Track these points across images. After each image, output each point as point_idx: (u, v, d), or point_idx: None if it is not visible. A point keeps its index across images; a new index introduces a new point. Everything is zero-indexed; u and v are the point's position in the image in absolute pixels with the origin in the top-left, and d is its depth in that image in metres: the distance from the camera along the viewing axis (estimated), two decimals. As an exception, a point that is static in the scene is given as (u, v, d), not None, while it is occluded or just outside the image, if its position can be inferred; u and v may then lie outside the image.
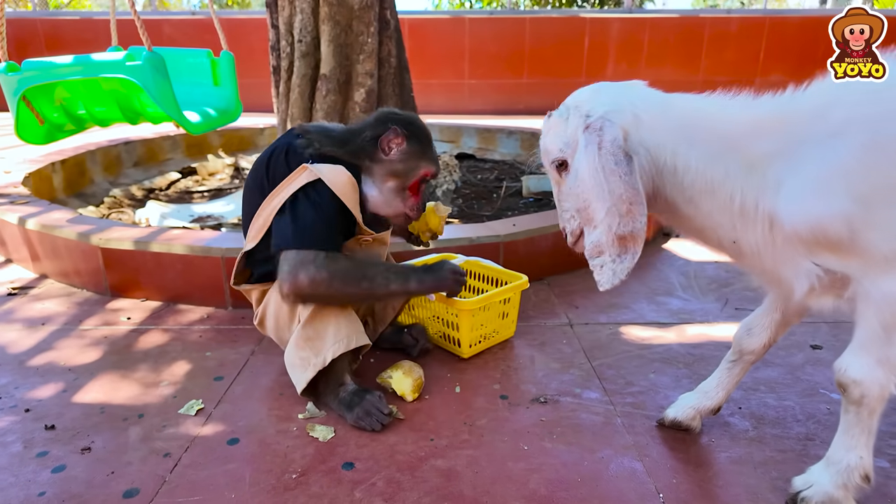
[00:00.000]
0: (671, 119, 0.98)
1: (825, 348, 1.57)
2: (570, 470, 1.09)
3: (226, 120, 2.54)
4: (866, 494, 1.00)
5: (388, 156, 1.30)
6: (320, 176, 1.20)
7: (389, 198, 1.32)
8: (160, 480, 1.07)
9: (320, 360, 1.23)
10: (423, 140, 1.34)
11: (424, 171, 1.33)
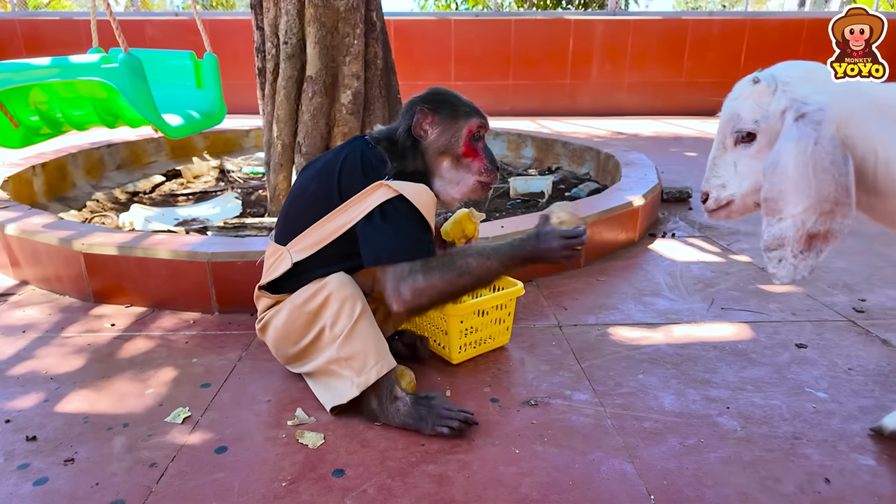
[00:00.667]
0: (886, 112, 0.95)
1: (810, 347, 1.59)
2: (562, 473, 1.09)
3: (209, 123, 2.51)
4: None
5: (428, 139, 1.25)
6: (402, 192, 1.17)
7: (453, 176, 1.26)
8: (146, 491, 1.05)
9: (363, 380, 1.20)
10: (450, 101, 1.27)
11: (467, 127, 1.26)
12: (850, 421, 1.26)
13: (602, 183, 3.33)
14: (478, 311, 1.49)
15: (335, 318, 1.22)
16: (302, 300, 1.25)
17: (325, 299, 1.22)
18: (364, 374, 1.20)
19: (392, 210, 1.17)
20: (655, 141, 5.28)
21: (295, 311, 1.26)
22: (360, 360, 1.21)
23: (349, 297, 1.21)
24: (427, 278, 1.15)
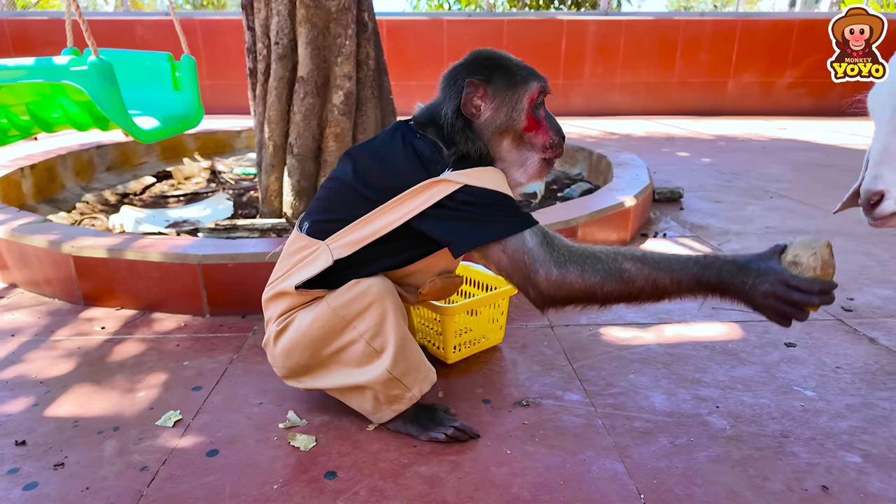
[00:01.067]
0: None
1: (799, 346, 1.60)
2: (553, 473, 1.10)
3: (186, 126, 2.49)
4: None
5: (481, 117, 1.08)
6: (467, 182, 1.02)
7: (517, 157, 1.10)
8: (137, 495, 1.04)
9: (416, 393, 1.16)
10: (503, 65, 1.09)
11: (528, 96, 1.08)
12: (837, 419, 1.27)
13: (594, 183, 3.34)
14: (471, 311, 1.49)
15: (375, 332, 1.13)
16: (340, 303, 1.12)
17: (364, 307, 1.12)
18: (417, 387, 1.16)
19: (478, 192, 1.01)
20: (647, 141, 5.31)
21: (330, 312, 1.13)
22: (412, 374, 1.15)
23: (391, 305, 1.12)
24: (566, 272, 0.96)
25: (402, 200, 1.06)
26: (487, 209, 1.03)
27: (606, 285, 0.97)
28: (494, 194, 1.04)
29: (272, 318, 1.22)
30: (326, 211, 1.17)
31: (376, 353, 1.14)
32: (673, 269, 0.95)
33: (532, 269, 0.99)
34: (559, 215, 2.20)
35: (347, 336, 1.15)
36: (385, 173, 1.10)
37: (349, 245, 1.11)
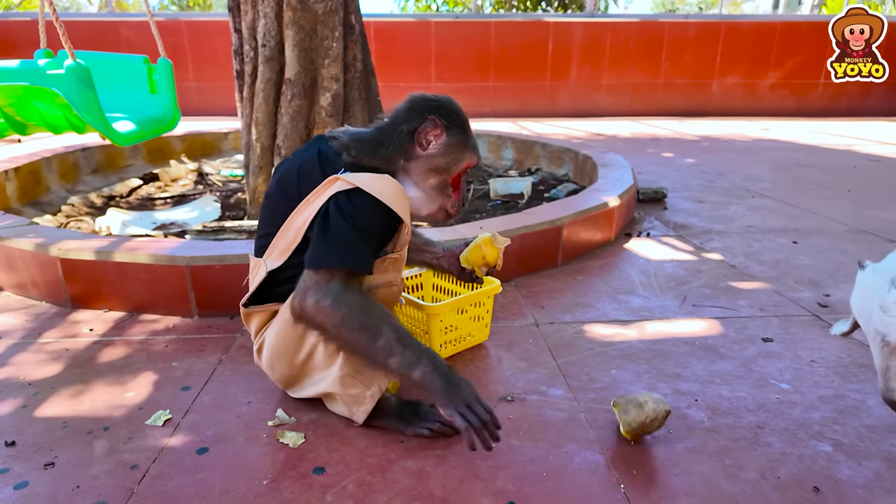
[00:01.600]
0: None
1: (776, 341, 1.65)
2: (537, 465, 1.13)
3: (163, 128, 2.49)
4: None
5: (426, 150, 1.19)
6: (358, 185, 1.10)
7: (432, 195, 1.21)
8: (128, 493, 1.06)
9: (376, 390, 1.18)
10: (464, 127, 1.22)
11: (468, 162, 1.22)
12: (811, 410, 1.32)
13: (580, 184, 3.39)
14: (456, 310, 1.52)
15: None
16: (290, 314, 1.16)
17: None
18: (376, 384, 1.18)
19: (335, 209, 1.09)
20: (633, 142, 5.38)
21: (285, 325, 1.19)
22: (366, 370, 1.16)
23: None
24: (335, 305, 1.05)
25: (308, 201, 1.14)
26: (349, 231, 1.09)
27: (352, 335, 1.08)
28: (370, 218, 1.11)
29: (252, 335, 1.33)
30: (262, 227, 1.26)
31: (334, 353, 1.18)
32: (411, 357, 1.06)
33: (312, 293, 1.07)
34: (544, 215, 2.23)
35: (308, 342, 1.20)
36: (294, 179, 1.19)
37: (279, 255, 1.19)
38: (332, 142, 1.21)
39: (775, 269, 2.21)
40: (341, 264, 1.09)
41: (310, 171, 1.17)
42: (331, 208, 1.10)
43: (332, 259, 1.09)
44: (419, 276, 1.78)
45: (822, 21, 7.60)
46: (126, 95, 2.49)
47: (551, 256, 2.23)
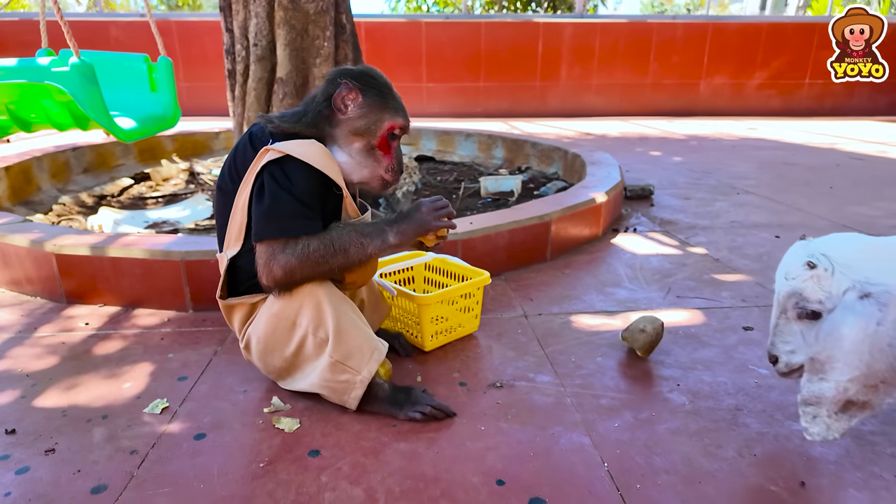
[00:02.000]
0: None
1: (756, 329, 1.71)
2: (524, 446, 1.18)
3: (163, 126, 2.52)
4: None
5: (345, 114, 1.22)
6: (287, 152, 1.13)
7: (360, 160, 1.23)
8: (128, 476, 1.09)
9: (366, 374, 1.22)
10: (381, 89, 1.24)
11: (390, 123, 1.24)
12: (787, 393, 1.37)
13: (570, 182, 3.44)
14: (446, 301, 1.56)
15: (316, 323, 1.21)
16: (278, 307, 1.23)
17: (300, 303, 1.21)
18: (365, 368, 1.21)
19: (279, 174, 1.14)
20: (622, 141, 5.45)
21: (273, 318, 1.23)
22: (356, 356, 1.20)
23: (323, 295, 1.20)
24: (301, 258, 1.13)
25: (246, 180, 1.18)
26: (287, 199, 1.14)
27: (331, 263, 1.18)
28: (303, 182, 1.15)
29: (236, 331, 1.35)
30: (218, 221, 1.30)
31: (324, 342, 1.22)
32: (377, 234, 1.21)
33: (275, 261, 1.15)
34: (533, 211, 2.28)
35: (297, 334, 1.23)
36: (231, 164, 1.24)
37: (235, 241, 1.22)
38: (260, 121, 1.25)
39: (758, 262, 2.27)
40: (288, 233, 1.14)
41: (243, 152, 1.22)
42: (265, 179, 1.14)
43: (277, 229, 1.14)
44: (410, 269, 1.82)
45: (807, 22, 7.73)
46: (127, 94, 2.51)
47: (540, 251, 2.28)
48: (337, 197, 1.24)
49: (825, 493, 1.05)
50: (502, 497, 1.04)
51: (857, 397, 1.02)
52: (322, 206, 1.21)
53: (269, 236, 1.14)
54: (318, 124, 1.23)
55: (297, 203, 1.14)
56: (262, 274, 1.17)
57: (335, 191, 1.22)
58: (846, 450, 1.17)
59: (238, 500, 1.03)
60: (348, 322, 1.22)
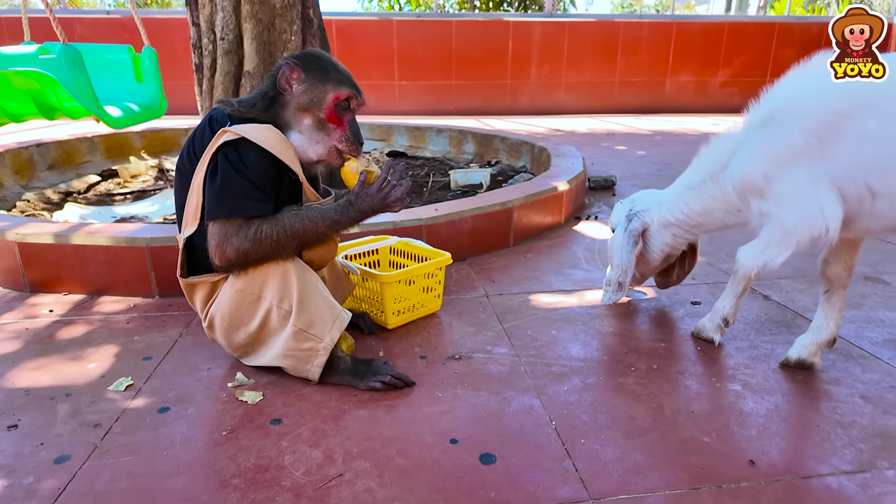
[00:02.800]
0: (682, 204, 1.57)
1: (703, 304, 1.81)
2: (478, 409, 1.24)
3: (150, 115, 2.53)
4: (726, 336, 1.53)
5: (290, 92, 1.26)
6: (242, 134, 1.17)
7: (311, 135, 1.26)
8: (91, 447, 1.12)
9: (328, 342, 1.26)
10: (322, 63, 1.28)
11: (334, 94, 1.26)
12: (727, 359, 1.47)
13: (537, 174, 3.53)
14: (406, 281, 1.62)
15: (281, 295, 1.24)
16: (242, 282, 1.26)
17: (266, 275, 1.24)
18: (328, 335, 1.26)
19: (233, 156, 1.17)
20: (589, 136, 5.58)
21: (237, 294, 1.27)
22: (319, 324, 1.25)
23: (290, 265, 1.24)
24: (255, 241, 1.17)
25: (203, 161, 1.22)
26: (240, 180, 1.18)
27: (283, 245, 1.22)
28: (257, 164, 1.19)
29: (198, 310, 1.38)
30: (177, 201, 1.33)
31: (288, 313, 1.26)
32: (328, 218, 1.24)
33: (228, 242, 1.20)
34: (496, 198, 2.35)
35: (262, 308, 1.27)
36: (190, 145, 1.28)
37: (192, 220, 1.25)
38: (220, 105, 1.29)
39: (710, 244, 2.38)
40: (239, 213, 1.18)
41: (202, 133, 1.26)
42: (220, 160, 1.18)
43: (230, 208, 1.17)
44: (376, 252, 1.87)
45: (767, 21, 8.01)
46: (113, 84, 2.52)
47: (503, 237, 2.35)
48: (296, 183, 1.27)
49: (753, 442, 1.14)
50: (455, 453, 1.10)
51: (619, 279, 1.63)
52: (276, 189, 1.24)
53: (221, 216, 1.18)
54: (270, 109, 1.27)
55: (248, 184, 1.18)
56: (213, 254, 1.20)
57: (291, 175, 1.25)
58: (776, 405, 1.27)
59: (200, 464, 1.07)
60: (312, 291, 1.26)
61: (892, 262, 2.16)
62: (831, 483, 1.03)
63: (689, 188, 1.55)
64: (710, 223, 1.54)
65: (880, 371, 1.40)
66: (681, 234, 1.60)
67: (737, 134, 1.42)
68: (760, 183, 1.30)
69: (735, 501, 0.98)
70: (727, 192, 1.42)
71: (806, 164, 1.23)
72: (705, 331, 1.54)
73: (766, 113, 1.31)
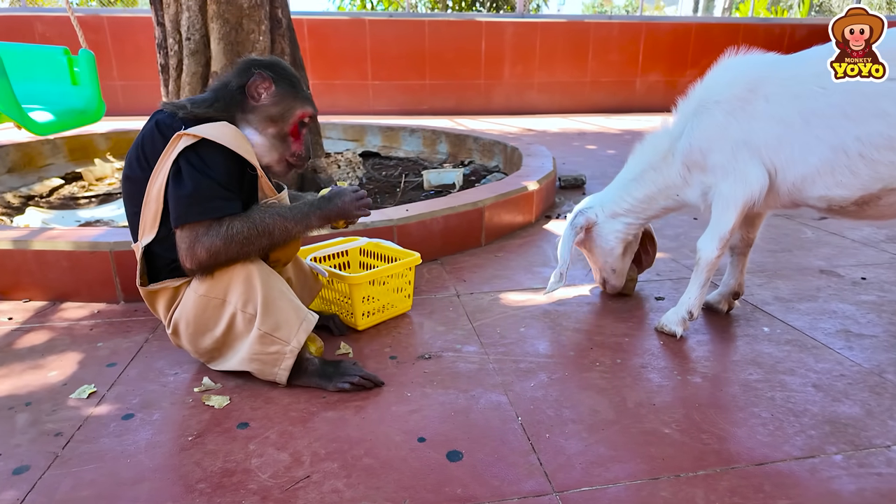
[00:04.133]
0: (626, 194, 1.71)
1: (667, 299, 1.86)
2: (446, 407, 1.25)
3: (86, 120, 2.47)
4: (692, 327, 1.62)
5: (259, 102, 1.28)
6: (202, 136, 1.16)
7: (272, 143, 1.29)
8: (52, 456, 1.10)
9: (295, 344, 1.25)
10: (292, 80, 1.31)
11: (301, 112, 1.31)
12: (688, 352, 1.51)
13: (509, 174, 3.56)
14: (375, 281, 1.62)
15: (245, 298, 1.24)
16: (206, 287, 1.25)
17: (229, 279, 1.24)
18: (294, 338, 1.25)
19: (195, 159, 1.16)
20: (561, 136, 5.65)
21: (201, 299, 1.26)
22: (285, 327, 1.25)
23: (253, 269, 1.24)
24: (226, 240, 1.17)
25: (159, 166, 1.20)
26: (205, 182, 1.17)
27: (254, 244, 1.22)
28: (220, 164, 1.19)
29: (161, 317, 1.36)
30: (127, 209, 1.31)
31: (253, 317, 1.26)
32: (299, 215, 1.27)
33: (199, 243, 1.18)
34: (467, 198, 2.37)
35: (227, 312, 1.27)
36: (138, 152, 1.25)
37: (150, 228, 1.24)
38: (166, 108, 1.27)
39: (675, 241, 2.45)
40: (210, 214, 1.17)
41: (150, 140, 1.24)
42: (182, 165, 1.17)
43: (199, 212, 1.16)
44: (346, 253, 1.87)
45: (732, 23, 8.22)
46: (45, 87, 2.43)
47: (475, 236, 2.38)
48: (252, 177, 1.27)
49: (712, 432, 1.18)
50: (422, 451, 1.11)
51: (561, 269, 1.69)
52: (240, 186, 1.24)
53: (191, 220, 1.17)
54: (229, 109, 1.27)
55: (216, 185, 1.17)
56: (185, 258, 1.19)
57: (249, 170, 1.25)
58: (732, 396, 1.31)
59: (165, 470, 1.06)
60: (276, 294, 1.26)
61: (846, 256, 2.25)
62: (783, 469, 1.07)
63: (631, 180, 1.71)
64: (653, 208, 1.70)
65: (831, 360, 1.46)
66: (631, 222, 1.73)
67: (671, 128, 1.61)
68: (699, 158, 1.51)
69: (692, 489, 1.02)
70: (668, 177, 1.62)
71: (731, 139, 1.43)
72: (669, 324, 1.60)
73: (695, 104, 1.53)
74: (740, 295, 1.77)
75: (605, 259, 1.76)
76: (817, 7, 18.84)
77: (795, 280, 2.01)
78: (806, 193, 1.40)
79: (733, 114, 1.43)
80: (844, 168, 1.32)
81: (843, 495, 1.01)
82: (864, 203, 1.36)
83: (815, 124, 1.33)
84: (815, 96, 1.33)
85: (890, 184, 1.30)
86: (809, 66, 1.37)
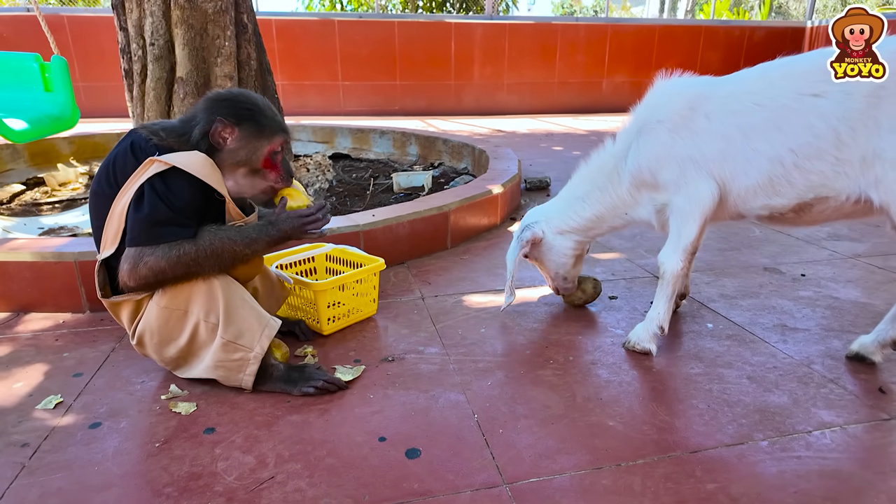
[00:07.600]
0: (573, 213, 1.73)
1: (620, 298, 1.96)
2: (407, 407, 1.32)
3: (61, 127, 2.45)
4: (661, 341, 1.61)
5: (225, 148, 1.29)
6: (173, 164, 1.19)
7: (247, 182, 1.33)
8: (19, 466, 1.12)
9: (259, 350, 1.29)
10: (255, 117, 1.30)
11: (269, 147, 1.32)
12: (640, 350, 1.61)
13: (478, 176, 3.64)
14: (340, 287, 1.67)
15: (207, 308, 1.27)
16: (167, 299, 1.28)
17: (190, 290, 1.27)
18: (258, 344, 1.29)
19: (160, 185, 1.19)
20: (529, 137, 5.76)
21: (164, 310, 1.28)
22: (248, 334, 1.29)
23: (215, 280, 1.28)
24: (171, 261, 1.19)
25: (127, 187, 1.23)
26: (164, 211, 1.20)
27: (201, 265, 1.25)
28: (184, 194, 1.21)
29: (126, 326, 1.38)
30: (93, 223, 1.33)
31: (216, 326, 1.29)
32: (247, 238, 1.30)
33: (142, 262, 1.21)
34: (433, 202, 2.44)
35: (190, 322, 1.30)
36: (109, 171, 1.27)
37: (111, 244, 1.26)
38: (142, 131, 1.29)
39: (631, 241, 2.56)
40: (161, 240, 1.20)
41: (123, 161, 1.26)
42: (146, 190, 1.19)
43: (149, 237, 1.20)
44: (312, 260, 1.91)
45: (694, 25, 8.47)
46: (18, 94, 2.40)
47: (441, 240, 2.44)
48: (220, 202, 1.30)
49: (653, 423, 1.27)
50: (382, 450, 1.18)
51: (511, 283, 1.74)
52: (200, 213, 1.27)
53: (142, 244, 1.20)
54: (200, 147, 1.29)
55: (173, 213, 1.20)
56: (127, 276, 1.21)
57: (217, 197, 1.28)
58: (674, 389, 1.41)
59: (132, 476, 1.10)
60: (238, 302, 1.30)
61: (789, 253, 2.40)
62: (713, 455, 1.17)
63: (578, 198, 1.72)
64: (601, 227, 1.73)
65: (766, 354, 1.58)
66: (579, 239, 1.76)
67: (616, 147, 1.66)
68: (649, 177, 1.55)
69: (631, 477, 1.11)
70: (616, 197, 1.64)
71: (677, 156, 1.48)
72: (641, 342, 1.57)
73: (638, 125, 1.58)
74: (686, 296, 1.87)
75: (557, 270, 1.79)
76: (777, 9, 19.47)
77: (741, 277, 2.14)
78: (750, 204, 1.47)
79: (677, 131, 1.48)
80: (781, 178, 1.40)
81: (765, 477, 1.11)
82: (800, 210, 1.44)
83: (753, 138, 1.41)
84: (751, 112, 1.42)
85: (820, 192, 1.39)
86: (744, 84, 1.47)
